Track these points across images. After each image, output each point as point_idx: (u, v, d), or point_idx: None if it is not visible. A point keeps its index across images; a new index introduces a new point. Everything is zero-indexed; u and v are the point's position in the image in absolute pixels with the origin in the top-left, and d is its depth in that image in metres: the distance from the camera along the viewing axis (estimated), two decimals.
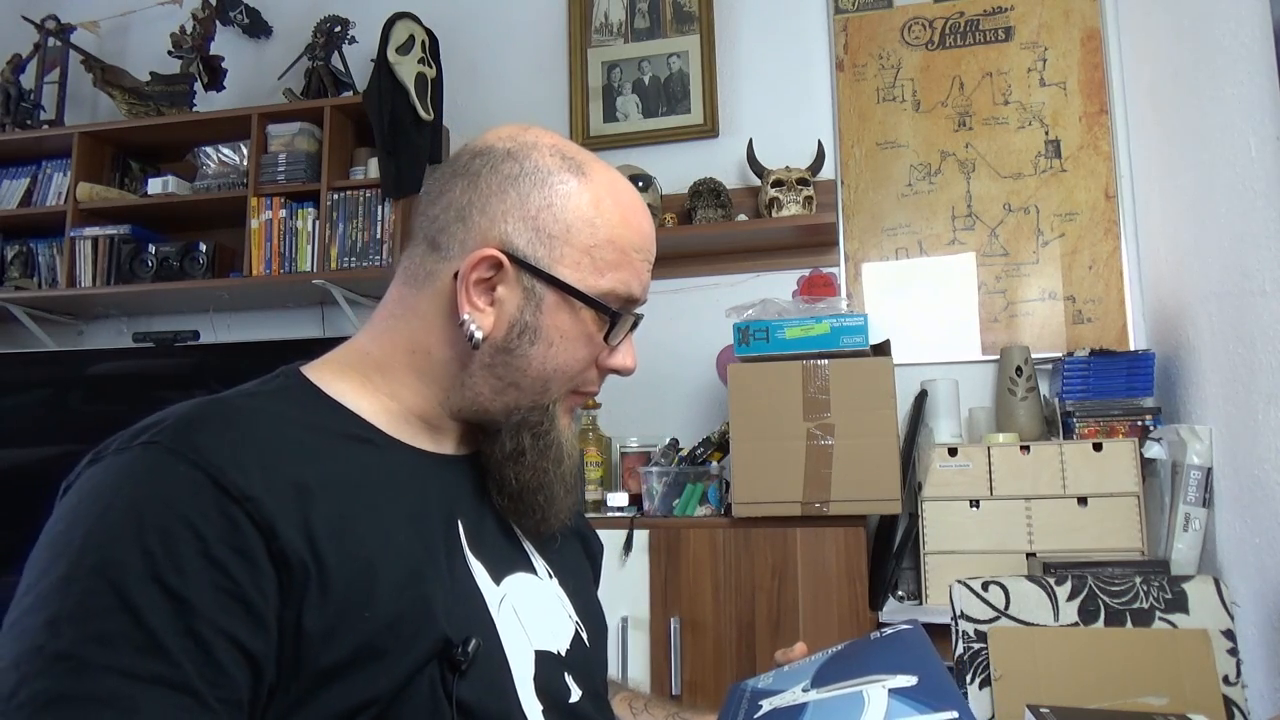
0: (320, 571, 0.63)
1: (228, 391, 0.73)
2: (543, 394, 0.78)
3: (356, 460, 0.72)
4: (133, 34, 3.05)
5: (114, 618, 0.55)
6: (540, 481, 0.79)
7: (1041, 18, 2.42)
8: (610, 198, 0.78)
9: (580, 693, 0.79)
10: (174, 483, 0.61)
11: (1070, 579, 1.50)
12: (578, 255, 0.76)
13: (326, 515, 0.65)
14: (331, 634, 0.62)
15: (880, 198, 2.46)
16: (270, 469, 0.64)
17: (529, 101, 2.74)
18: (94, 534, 0.59)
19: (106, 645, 0.55)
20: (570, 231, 0.76)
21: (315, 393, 0.76)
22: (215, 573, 0.59)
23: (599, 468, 2.33)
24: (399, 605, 0.65)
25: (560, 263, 0.76)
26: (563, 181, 0.77)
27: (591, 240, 0.76)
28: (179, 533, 0.58)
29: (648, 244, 0.81)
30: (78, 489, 0.64)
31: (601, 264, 0.77)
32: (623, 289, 0.78)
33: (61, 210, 2.72)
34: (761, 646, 1.89)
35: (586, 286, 0.76)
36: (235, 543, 0.60)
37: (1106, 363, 2.09)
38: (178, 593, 0.57)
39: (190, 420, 0.66)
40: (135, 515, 0.59)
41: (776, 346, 1.96)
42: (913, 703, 0.62)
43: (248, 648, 0.59)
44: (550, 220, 0.76)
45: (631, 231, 0.79)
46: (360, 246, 2.55)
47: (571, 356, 0.78)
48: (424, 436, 0.79)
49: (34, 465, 2.55)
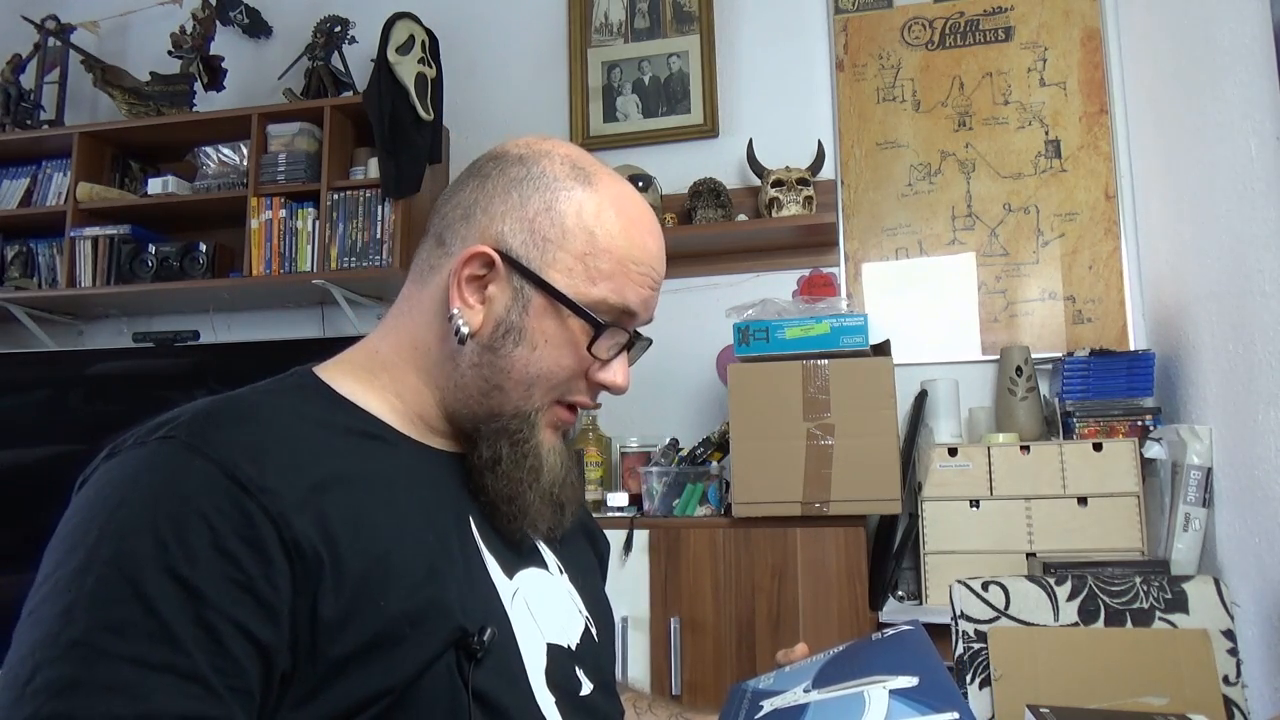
0: (335, 561, 0.64)
1: (242, 389, 0.74)
2: (526, 399, 0.77)
3: (369, 456, 0.73)
4: (133, 34, 3.05)
5: (127, 607, 0.57)
6: (513, 492, 0.78)
7: (1041, 18, 2.42)
8: (614, 209, 0.78)
9: (591, 686, 0.79)
10: (188, 476, 0.62)
11: (1070, 579, 1.50)
12: (571, 261, 0.76)
13: (341, 508, 0.66)
14: (347, 622, 0.63)
15: (880, 198, 2.47)
16: (284, 462, 0.65)
17: (529, 101, 2.74)
18: (109, 526, 0.60)
19: (119, 634, 0.56)
20: (566, 237, 0.76)
21: (327, 391, 0.77)
22: (227, 564, 0.60)
23: (599, 468, 2.33)
24: (415, 596, 0.66)
25: (552, 267, 0.76)
26: (566, 188, 0.77)
27: (587, 248, 0.76)
28: (192, 525, 0.60)
29: (650, 260, 0.79)
30: (94, 482, 0.65)
31: (595, 272, 0.76)
32: (616, 299, 0.77)
33: (61, 210, 2.72)
34: (761, 646, 1.89)
35: (576, 293, 0.75)
36: (247, 535, 0.61)
37: (1106, 363, 2.09)
38: (190, 583, 0.58)
39: (206, 415, 0.67)
40: (150, 508, 0.61)
41: (776, 346, 1.96)
42: (914, 703, 0.62)
43: (258, 638, 0.60)
44: (547, 224, 0.76)
45: (632, 245, 0.77)
46: (360, 246, 2.55)
47: (555, 363, 0.77)
48: (430, 435, 0.79)
49: (34, 465, 2.55)
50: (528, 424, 0.78)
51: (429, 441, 0.79)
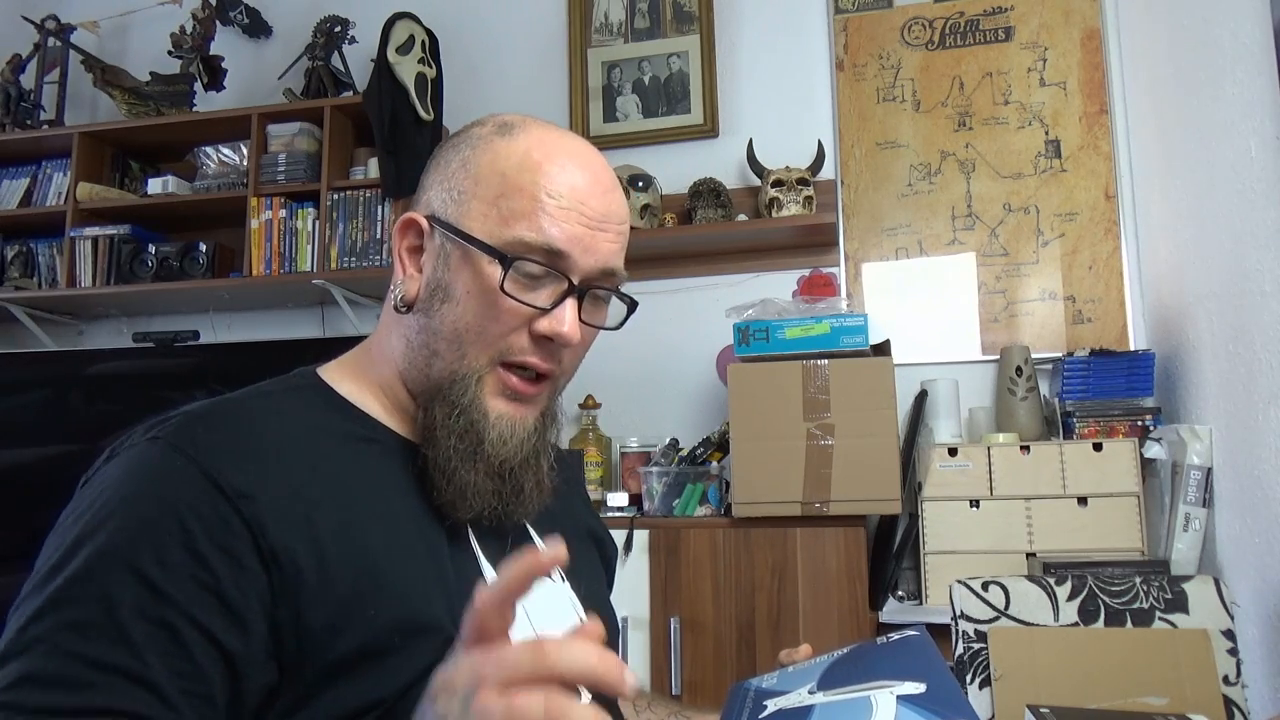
0: (322, 568, 0.63)
1: (241, 391, 0.74)
2: (460, 360, 0.73)
3: (361, 462, 0.72)
4: (133, 34, 3.05)
5: (89, 608, 0.58)
6: (447, 463, 0.72)
7: (1041, 18, 2.42)
8: (537, 151, 0.73)
9: (589, 695, 0.79)
10: (169, 477, 0.63)
11: (1070, 579, 1.49)
12: (485, 208, 0.73)
13: (329, 516, 0.66)
14: (335, 630, 0.62)
15: (880, 198, 2.46)
16: (270, 469, 0.65)
17: (529, 101, 2.73)
18: (89, 525, 0.62)
19: (79, 633, 0.58)
20: (479, 184, 0.74)
21: (326, 392, 0.77)
22: (196, 567, 0.60)
23: (599, 468, 2.33)
24: (403, 607, 0.66)
25: (468, 217, 0.73)
26: (485, 142, 0.76)
27: (499, 190, 0.72)
28: (166, 525, 0.61)
29: (574, 194, 0.73)
30: (92, 482, 0.67)
31: (508, 213, 0.72)
32: (535, 237, 0.71)
33: (61, 210, 2.72)
34: (761, 646, 1.89)
35: (490, 236, 0.72)
36: (221, 540, 0.61)
37: (1106, 363, 2.09)
38: (156, 585, 0.59)
39: (196, 417, 0.67)
40: (126, 508, 0.62)
41: (776, 346, 1.96)
42: (922, 710, 0.61)
43: (222, 643, 0.60)
44: (463, 177, 0.75)
45: (548, 179, 0.72)
46: (360, 246, 2.55)
47: (480, 314, 0.72)
48: (415, 430, 0.78)
49: (34, 465, 2.55)
50: (463, 386, 0.73)
51: (415, 438, 0.77)
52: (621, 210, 0.77)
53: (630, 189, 2.39)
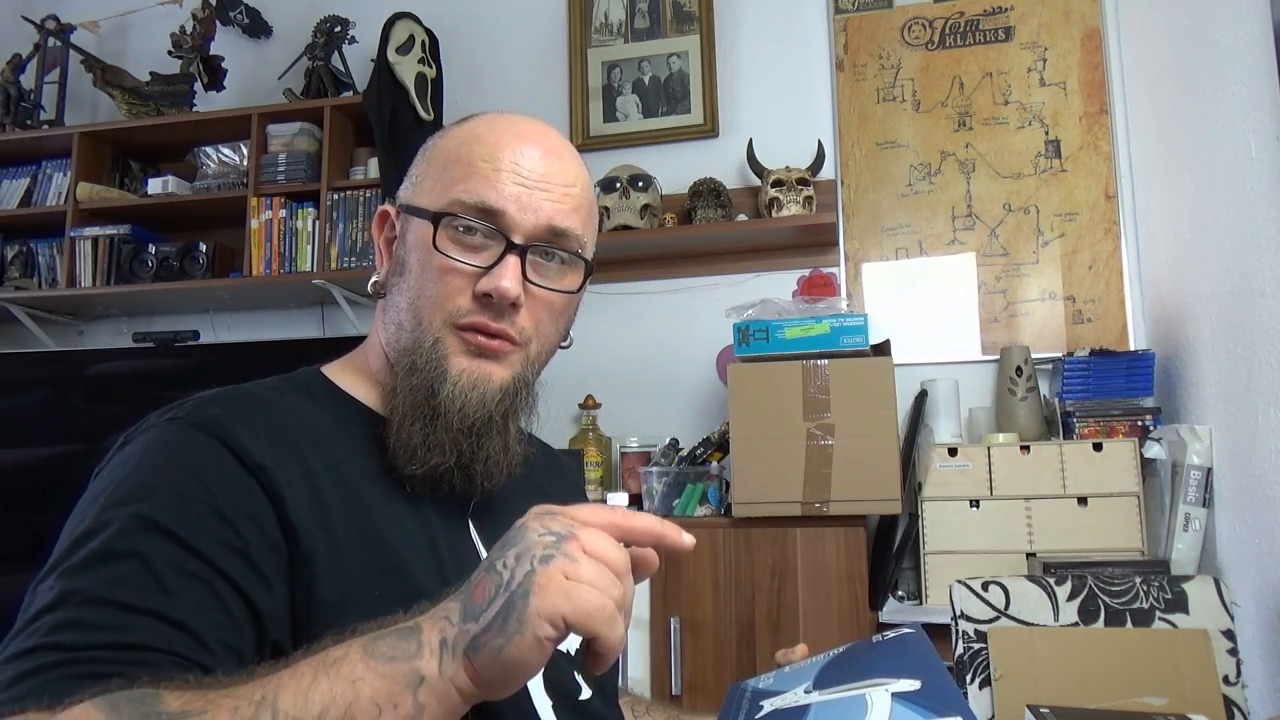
0: (331, 545, 0.66)
1: (249, 383, 0.77)
2: (417, 326, 0.75)
3: (366, 454, 0.74)
4: (133, 34, 3.05)
5: (125, 564, 0.59)
6: (402, 419, 0.73)
7: (1041, 18, 2.42)
8: (481, 127, 0.78)
9: (590, 691, 0.79)
10: (192, 450, 0.65)
11: (1070, 579, 1.49)
12: (431, 184, 0.78)
13: (333, 496, 0.68)
14: (345, 605, 0.64)
15: (880, 198, 2.46)
16: (282, 447, 0.68)
17: (529, 101, 2.73)
18: (116, 496, 0.62)
19: (114, 585, 0.58)
20: (430, 166, 0.79)
21: (330, 388, 0.80)
22: (226, 530, 0.62)
23: (599, 468, 2.33)
24: (404, 596, 0.66)
25: (419, 195, 0.79)
26: (445, 131, 0.81)
27: (443, 165, 0.77)
28: (195, 492, 0.62)
29: (511, 155, 0.75)
30: (112, 463, 0.68)
31: (448, 182, 0.76)
32: (470, 198, 0.73)
33: (61, 210, 2.72)
34: (761, 646, 1.89)
35: (431, 205, 0.76)
36: (247, 507, 0.63)
37: (1106, 363, 2.09)
38: (190, 544, 0.60)
39: (210, 399, 0.70)
40: (155, 477, 0.63)
41: (776, 346, 1.96)
42: (916, 707, 0.62)
43: (253, 600, 0.61)
44: (421, 164, 0.81)
45: (486, 146, 0.75)
46: (360, 246, 2.56)
47: (425, 279, 0.75)
48: None
49: (34, 465, 2.55)
50: (423, 352, 0.74)
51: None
52: (569, 173, 0.78)
53: (630, 189, 2.39)
